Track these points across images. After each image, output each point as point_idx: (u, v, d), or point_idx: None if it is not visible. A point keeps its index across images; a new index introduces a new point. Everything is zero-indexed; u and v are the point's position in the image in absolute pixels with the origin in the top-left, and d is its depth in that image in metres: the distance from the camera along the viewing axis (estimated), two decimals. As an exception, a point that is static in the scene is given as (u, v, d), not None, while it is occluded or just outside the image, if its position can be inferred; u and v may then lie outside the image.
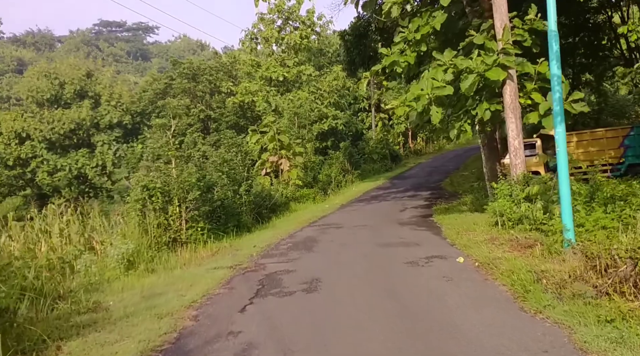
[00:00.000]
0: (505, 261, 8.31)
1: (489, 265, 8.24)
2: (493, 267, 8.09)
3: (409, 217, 17.29)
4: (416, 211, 18.76)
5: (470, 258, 9.13)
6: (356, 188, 29.08)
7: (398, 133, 41.78)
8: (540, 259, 8.13)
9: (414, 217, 17.23)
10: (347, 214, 19.63)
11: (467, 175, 28.31)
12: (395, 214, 18.32)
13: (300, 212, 21.73)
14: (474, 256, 9.22)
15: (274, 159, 24.43)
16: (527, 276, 7.02)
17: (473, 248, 9.90)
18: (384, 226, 15.31)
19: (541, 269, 7.33)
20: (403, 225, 15.23)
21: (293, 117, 29.88)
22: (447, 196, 22.62)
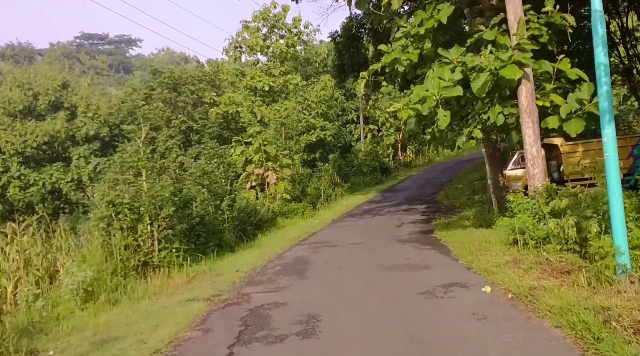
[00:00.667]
0: (545, 292, 6.70)
1: (527, 298, 6.62)
2: (533, 300, 6.47)
3: (409, 233, 15.69)
4: (415, 227, 17.18)
5: (498, 287, 7.51)
6: (347, 201, 27.47)
7: (387, 145, 40.37)
8: (589, 291, 6.54)
9: (413, 233, 15.63)
10: (340, 230, 17.96)
11: (462, 188, 26.91)
12: (393, 230, 16.71)
13: (288, 228, 20.02)
14: (501, 283, 7.60)
15: (260, 172, 22.75)
16: (588, 315, 5.41)
17: (497, 273, 8.29)
18: (383, 244, 13.68)
19: (601, 306, 5.73)
20: (404, 243, 13.61)
21: (280, 127, 28.27)
22: (445, 210, 21.11)
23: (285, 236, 17.35)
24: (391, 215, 21.02)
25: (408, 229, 16.72)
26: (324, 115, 34.56)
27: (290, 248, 14.50)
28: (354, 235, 16.29)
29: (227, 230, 16.02)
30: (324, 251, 13.12)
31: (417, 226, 17.27)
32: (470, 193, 24.01)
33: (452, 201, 23.40)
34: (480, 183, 26.22)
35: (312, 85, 36.62)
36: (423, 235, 15.07)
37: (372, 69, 12.97)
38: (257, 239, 17.46)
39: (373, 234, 16.20)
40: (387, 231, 16.76)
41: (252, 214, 19.15)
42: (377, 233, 16.28)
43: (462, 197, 23.67)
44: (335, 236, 16.30)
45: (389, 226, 17.87)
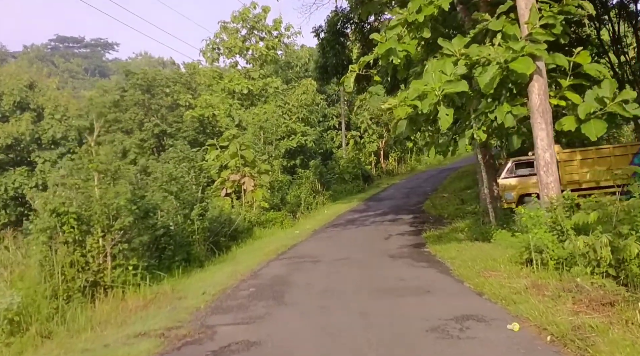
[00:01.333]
0: (596, 333, 5.15)
1: (574, 342, 5.05)
2: (584, 346, 4.90)
3: (399, 247, 14.13)
4: (404, 239, 15.64)
5: (527, 323, 5.94)
6: (328, 210, 25.85)
7: (370, 152, 38.93)
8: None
9: (404, 247, 14.08)
10: (323, 242, 16.31)
11: (449, 197, 25.56)
12: (381, 243, 15.14)
13: (266, 239, 18.29)
14: (530, 318, 6.03)
15: (236, 178, 20.98)
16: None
17: (519, 302, 6.72)
18: (372, 260, 12.08)
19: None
20: (395, 259, 12.03)
21: (258, 131, 26.56)
22: (433, 221, 19.66)
23: (263, 248, 15.62)
24: (377, 226, 19.47)
25: (397, 242, 15.16)
26: (305, 120, 32.97)
27: (268, 263, 12.79)
28: (338, 248, 14.67)
29: (197, 242, 14.22)
30: (306, 268, 11.44)
31: (407, 239, 15.74)
32: (458, 203, 22.65)
33: (439, 211, 21.97)
34: (468, 192, 24.91)
35: (293, 89, 35.02)
36: (415, 249, 13.53)
37: (364, 62, 11.38)
38: (230, 252, 15.68)
39: (359, 247, 14.60)
40: (374, 244, 15.18)
41: (226, 224, 17.38)
42: (364, 246, 14.69)
43: (449, 207, 22.29)
44: (317, 250, 14.65)
45: (376, 239, 16.29)
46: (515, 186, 18.29)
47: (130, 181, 12.29)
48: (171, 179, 14.23)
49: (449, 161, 46.10)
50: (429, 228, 17.51)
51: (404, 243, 14.99)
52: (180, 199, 15.01)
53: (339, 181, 32.91)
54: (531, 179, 18.23)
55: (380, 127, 39.29)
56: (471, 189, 26.21)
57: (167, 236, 12.98)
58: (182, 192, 15.07)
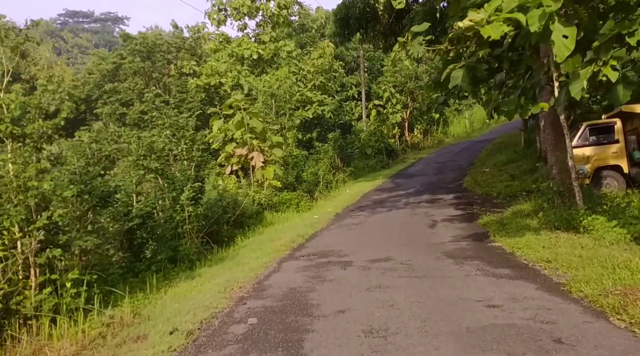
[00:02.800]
0: None
1: None
2: None
3: (454, 239, 10.47)
4: (456, 227, 11.96)
5: None
6: (350, 189, 22.21)
7: (393, 124, 34.98)
8: None
9: (461, 239, 10.42)
10: (350, 231, 12.69)
11: (492, 172, 21.70)
12: (427, 233, 11.48)
13: (278, 226, 14.75)
14: None
15: (243, 153, 17.38)
16: None
17: None
18: (426, 262, 8.44)
19: None
20: (458, 260, 8.37)
21: (269, 100, 22.82)
22: (481, 202, 15.97)
23: (274, 240, 12.06)
24: (413, 208, 15.79)
25: (449, 231, 11.50)
26: (321, 88, 29.10)
27: (279, 264, 9.23)
28: (372, 241, 11.06)
29: (187, 235, 10.71)
30: (333, 277, 7.83)
31: (459, 226, 12.05)
32: (507, 179, 18.84)
33: (485, 189, 18.20)
34: (514, 166, 21.04)
35: (308, 53, 31.06)
36: (478, 243, 9.86)
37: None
38: (233, 245, 12.18)
39: (400, 239, 10.96)
40: (419, 234, 11.52)
41: (229, 209, 13.86)
42: (406, 238, 11.04)
43: (497, 184, 18.52)
44: (345, 243, 11.05)
45: (418, 226, 12.64)
46: (591, 157, 14.39)
47: (80, 153, 8.74)
48: (154, 152, 10.64)
49: (477, 133, 42.10)
50: (481, 211, 13.87)
51: (457, 232, 11.32)
52: (169, 178, 11.48)
53: (360, 156, 29.19)
54: (610, 149, 14.37)
55: (404, 96, 35.24)
56: (515, 162, 22.37)
57: (146, 229, 9.49)
58: (168, 169, 11.52)
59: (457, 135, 41.22)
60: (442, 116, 39.93)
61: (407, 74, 35.02)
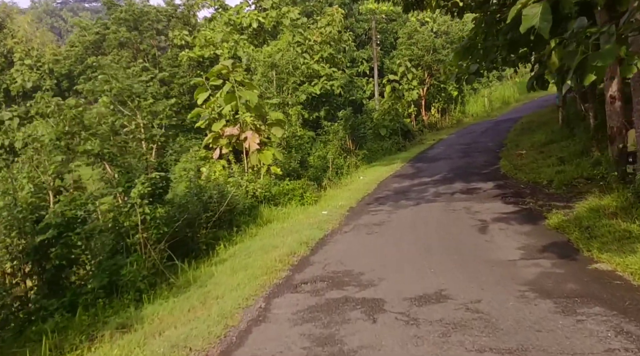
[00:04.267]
0: None
1: None
2: None
3: (525, 254, 7.03)
4: (517, 232, 8.48)
5: None
6: (365, 176, 18.72)
7: (409, 102, 31.25)
8: None
9: (537, 255, 6.97)
10: (371, 238, 9.23)
11: (530, 155, 18.14)
12: (480, 243, 8.01)
13: (276, 227, 11.31)
14: None
15: (234, 132, 13.90)
16: None
17: None
18: (507, 306, 4.98)
19: None
20: (563, 304, 4.89)
21: (269, 71, 19.23)
22: (531, 191, 12.53)
23: (267, 251, 8.64)
24: (448, 201, 12.31)
25: (510, 239, 8.03)
26: (330, 60, 25.41)
27: (267, 305, 5.83)
28: (405, 255, 7.62)
29: (141, 248, 7.32)
30: (357, 343, 4.43)
31: (521, 230, 8.58)
32: (555, 163, 15.24)
33: (530, 175, 14.63)
34: (559, 148, 17.41)
35: (315, 22, 27.26)
36: (570, 264, 6.41)
37: None
38: (212, 257, 8.79)
39: (445, 252, 7.51)
40: (467, 243, 8.05)
41: (212, 205, 10.47)
42: (454, 250, 7.58)
43: (543, 169, 14.99)
44: (366, 257, 7.63)
45: (462, 229, 9.16)
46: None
47: None
48: (85, 128, 7.19)
49: (497, 112, 38.35)
50: (540, 206, 10.46)
51: (524, 240, 7.87)
52: (121, 167, 8.06)
53: (374, 137, 25.62)
54: None
55: (421, 71, 31.44)
56: (557, 143, 18.73)
57: (66, 244, 6.10)
58: (123, 154, 8.08)
59: (476, 114, 37.44)
60: (460, 94, 36.22)
61: (424, 46, 31.20)
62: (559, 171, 14.03)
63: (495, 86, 45.11)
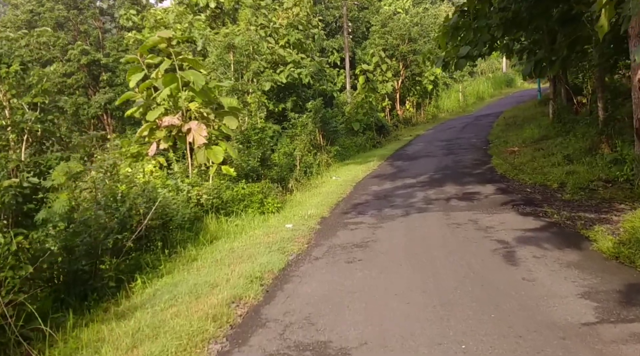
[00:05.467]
0: None
1: None
2: None
3: (601, 312, 4.18)
4: (562, 264, 5.68)
5: None
6: (338, 176, 15.84)
7: (382, 95, 28.57)
8: None
9: (621, 316, 4.22)
10: (357, 274, 6.24)
11: (524, 151, 15.75)
12: (521, 287, 5.15)
13: (222, 249, 8.28)
14: None
15: (174, 122, 10.79)
16: None
17: None
18: None
19: None
20: None
21: (225, 53, 16.12)
22: (543, 197, 9.94)
23: (198, 298, 5.67)
24: (445, 210, 9.57)
25: (563, 280, 5.23)
26: (298, 46, 22.42)
27: None
28: (412, 314, 4.74)
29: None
30: None
31: (567, 260, 5.83)
32: (561, 162, 12.77)
33: (533, 176, 12.09)
34: (555, 145, 14.95)
35: (281, 4, 24.18)
36: None
37: None
38: (109, 312, 5.76)
39: (475, 308, 4.62)
40: (503, 288, 5.22)
41: (130, 220, 7.42)
42: (486, 302, 4.72)
43: (548, 169, 12.58)
44: (349, 315, 4.71)
45: (483, 260, 6.36)
46: None
47: None
48: None
49: (472, 108, 36.21)
50: (567, 219, 7.88)
51: (587, 281, 5.13)
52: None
53: (347, 132, 22.83)
54: None
55: (395, 62, 28.81)
56: (550, 139, 16.38)
57: None
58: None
59: (451, 110, 35.19)
60: (435, 88, 33.81)
61: (399, 34, 28.58)
62: (569, 172, 11.54)
63: (469, 81, 43.09)
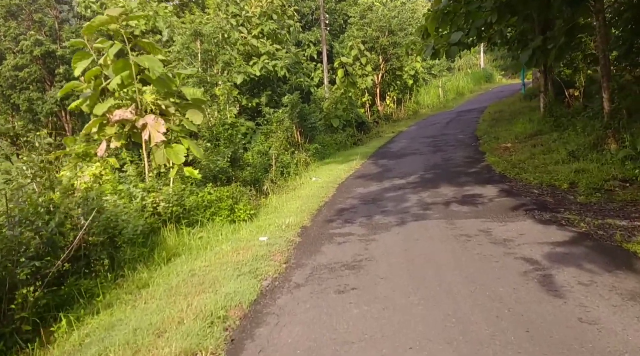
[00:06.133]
0: None
1: None
2: None
3: None
4: (632, 295, 4.36)
5: None
6: (318, 177, 14.28)
7: (362, 90, 27.12)
8: None
9: None
10: (351, 311, 4.66)
11: (517, 148, 14.56)
12: (588, 331, 3.66)
13: (180, 272, 6.65)
14: None
15: (126, 116, 9.07)
16: None
17: None
18: None
19: None
20: None
21: (190, 41, 14.39)
22: (554, 199, 8.60)
23: (138, 353, 4.09)
24: (447, 218, 8.10)
25: (625, 324, 3.89)
26: (272, 36, 20.76)
27: None
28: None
29: None
30: None
31: (627, 288, 4.40)
32: (566, 159, 11.49)
33: (537, 175, 10.78)
34: (552, 141, 13.72)
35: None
36: None
37: None
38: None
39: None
40: (559, 339, 3.80)
41: (60, 238, 5.74)
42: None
43: (553, 167, 11.36)
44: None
45: (515, 290, 4.83)
46: None
47: None
48: None
49: (453, 103, 35.10)
50: (598, 227, 6.53)
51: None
52: None
53: (326, 129, 21.31)
54: None
55: (375, 55, 27.39)
56: (546, 134, 15.15)
57: None
58: None
59: (432, 105, 33.99)
60: (416, 83, 32.56)
61: (378, 26, 27.14)
62: (578, 170, 10.25)
63: (448, 76, 42.08)
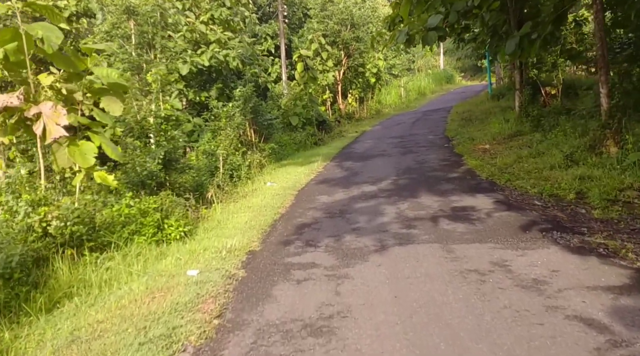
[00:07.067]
0: None
1: None
2: None
3: None
4: None
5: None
6: (274, 180, 12.09)
7: (323, 87, 25.08)
8: None
9: None
10: None
11: (499, 150, 12.90)
12: None
13: (57, 336, 4.36)
14: None
15: (12, 102, 6.64)
16: None
17: None
18: None
19: None
20: None
21: (123, 19, 11.89)
22: (566, 216, 6.69)
23: None
24: (441, 242, 6.09)
25: None
26: (224, 23, 18.39)
27: None
28: None
29: None
30: None
31: None
32: (563, 163, 9.79)
33: (534, 183, 9.03)
34: (537, 141, 12.11)
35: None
36: None
37: None
38: None
39: None
40: None
41: None
42: None
43: (546, 172, 9.62)
44: None
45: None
46: None
47: None
48: None
49: (415, 103, 33.69)
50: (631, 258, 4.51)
51: None
52: None
53: (284, 127, 19.15)
54: None
55: (337, 49, 25.43)
56: (526, 135, 13.63)
57: None
58: None
59: (394, 105, 32.46)
60: (378, 82, 30.90)
61: (340, 19, 25.21)
62: (582, 178, 8.53)
63: (408, 76, 40.75)
